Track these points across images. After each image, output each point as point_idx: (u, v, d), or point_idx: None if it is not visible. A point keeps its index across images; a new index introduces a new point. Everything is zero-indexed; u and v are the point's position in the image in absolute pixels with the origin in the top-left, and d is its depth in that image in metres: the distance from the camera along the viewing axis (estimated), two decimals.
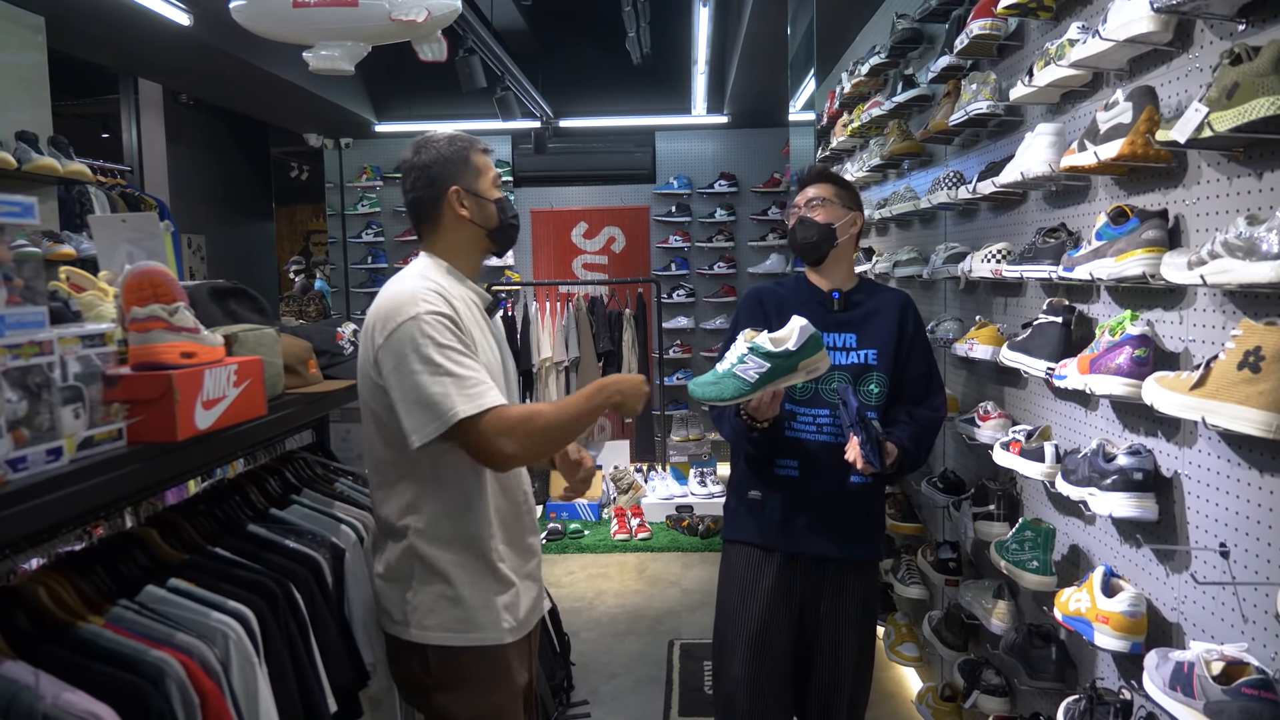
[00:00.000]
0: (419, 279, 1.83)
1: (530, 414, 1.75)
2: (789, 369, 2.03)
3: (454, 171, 1.90)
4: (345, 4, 2.66)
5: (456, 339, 1.75)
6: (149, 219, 1.74)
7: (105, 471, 1.23)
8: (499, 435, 1.70)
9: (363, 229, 8.26)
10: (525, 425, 1.72)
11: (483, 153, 1.96)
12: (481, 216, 1.94)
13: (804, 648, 2.37)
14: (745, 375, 2.03)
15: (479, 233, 1.95)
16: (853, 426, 2.12)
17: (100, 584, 1.48)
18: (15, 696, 1.15)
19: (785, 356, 2.01)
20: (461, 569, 1.84)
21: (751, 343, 2.03)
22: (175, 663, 1.34)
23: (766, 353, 2.02)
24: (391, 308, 1.76)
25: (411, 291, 1.77)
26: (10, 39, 3.90)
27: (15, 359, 1.13)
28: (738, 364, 2.05)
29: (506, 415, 1.71)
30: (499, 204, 1.96)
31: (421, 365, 1.70)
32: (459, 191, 1.90)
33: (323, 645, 1.74)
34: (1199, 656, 1.45)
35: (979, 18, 2.44)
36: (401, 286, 1.81)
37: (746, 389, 2.04)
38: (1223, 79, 1.41)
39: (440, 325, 1.73)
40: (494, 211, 1.95)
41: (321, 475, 2.28)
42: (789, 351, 2.01)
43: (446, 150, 1.91)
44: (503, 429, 1.70)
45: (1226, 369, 1.42)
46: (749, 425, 2.21)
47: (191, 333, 1.44)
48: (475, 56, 4.46)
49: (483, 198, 1.93)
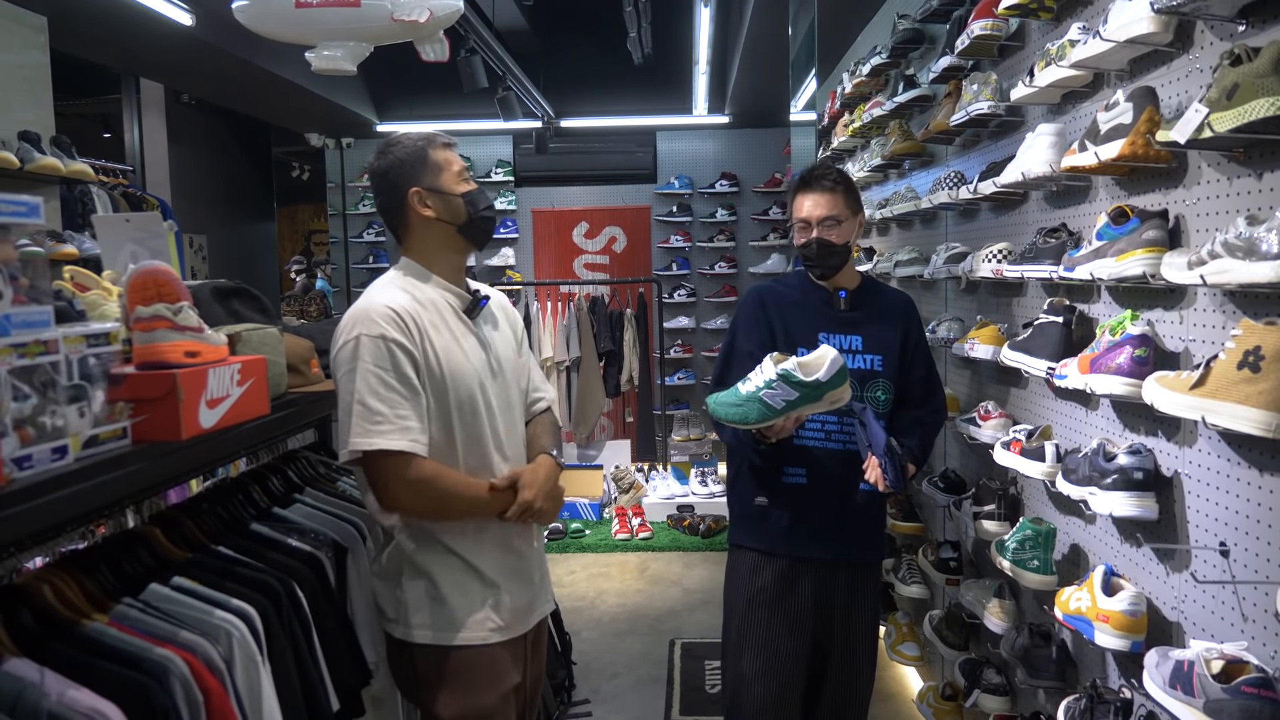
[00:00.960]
0: (385, 289, 1.85)
1: (433, 477, 1.77)
2: (815, 398, 2.01)
3: (412, 172, 1.87)
4: (348, 4, 2.67)
5: (391, 367, 1.75)
6: (153, 219, 1.75)
7: (110, 470, 1.24)
8: (391, 481, 1.75)
9: (364, 228, 8.27)
10: (420, 485, 1.76)
11: (444, 147, 1.90)
12: (449, 213, 1.89)
13: (816, 651, 2.35)
14: (772, 401, 2.00)
15: (449, 230, 1.90)
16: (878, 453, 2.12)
17: (105, 582, 1.49)
18: (21, 694, 1.16)
19: (815, 387, 1.99)
20: (444, 568, 1.86)
21: (782, 369, 2.00)
22: (179, 660, 1.35)
23: (797, 381, 1.99)
24: (348, 322, 1.80)
25: (366, 309, 1.79)
26: (13, 39, 3.91)
27: (21, 358, 1.14)
28: (764, 389, 2.01)
29: (407, 467, 1.74)
30: (466, 197, 1.89)
31: (347, 387, 1.75)
32: (419, 192, 1.87)
33: (325, 644, 1.74)
34: (1199, 655, 1.46)
35: (980, 18, 2.45)
36: (364, 301, 1.83)
37: (770, 416, 2.01)
38: (1223, 80, 1.41)
39: (379, 351, 1.75)
40: (461, 206, 1.89)
41: (324, 474, 2.29)
42: (819, 382, 1.99)
43: (402, 152, 1.88)
44: (398, 477, 1.74)
45: (1226, 368, 1.42)
46: (757, 440, 2.18)
47: (195, 332, 1.45)
48: (477, 56, 4.46)
49: (447, 194, 1.88)
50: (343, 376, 1.76)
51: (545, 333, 6.51)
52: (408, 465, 1.74)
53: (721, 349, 2.43)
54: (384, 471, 1.75)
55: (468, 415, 1.86)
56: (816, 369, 2.00)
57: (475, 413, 1.87)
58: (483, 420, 1.88)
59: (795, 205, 2.36)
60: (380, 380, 1.73)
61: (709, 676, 3.79)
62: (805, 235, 2.31)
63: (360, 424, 1.72)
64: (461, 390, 1.84)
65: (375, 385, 1.73)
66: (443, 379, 1.82)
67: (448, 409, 1.83)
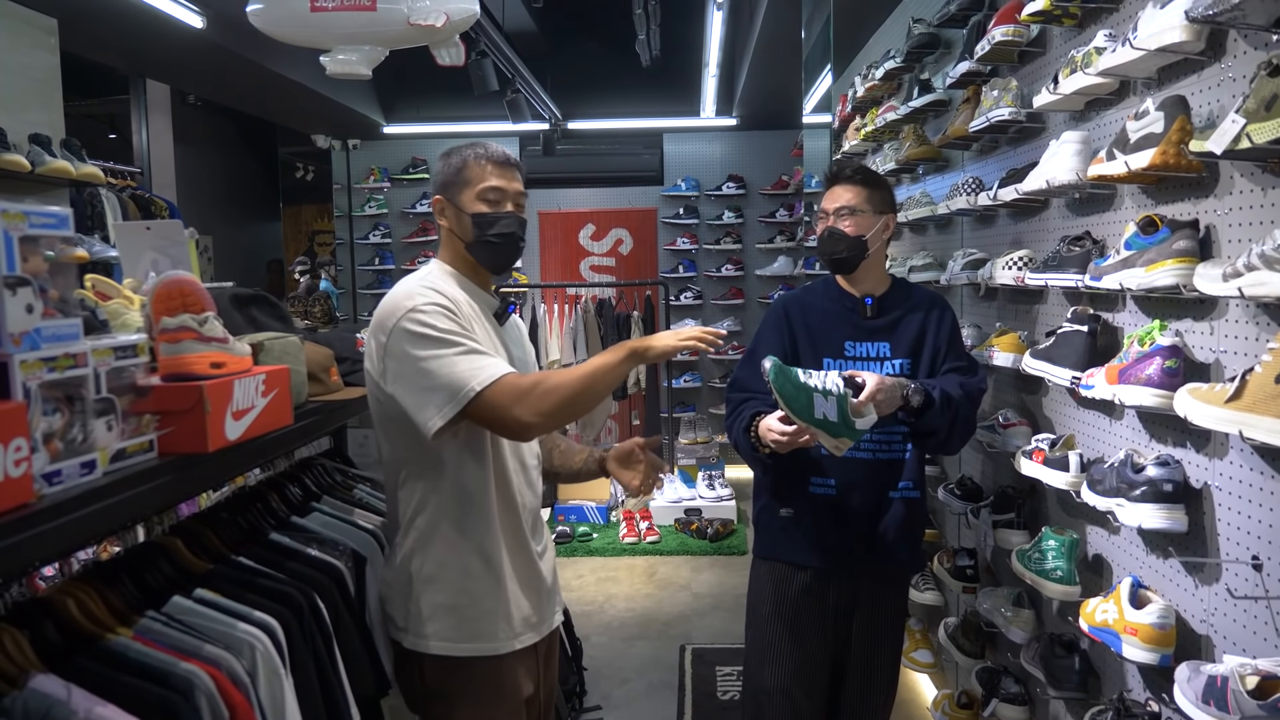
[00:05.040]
0: (415, 281, 1.84)
1: (541, 378, 1.72)
2: (834, 434, 2.01)
3: (445, 180, 1.89)
4: (363, 8, 2.65)
5: (454, 323, 1.73)
6: (174, 226, 1.74)
7: (138, 484, 1.22)
8: (513, 404, 1.67)
9: (370, 230, 8.25)
10: (537, 389, 1.68)
11: (487, 163, 1.87)
12: (460, 229, 1.87)
13: (837, 660, 2.34)
14: (817, 405, 1.98)
15: (461, 245, 1.89)
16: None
17: (127, 594, 1.47)
18: (49, 712, 1.14)
19: (847, 425, 2.00)
20: (461, 575, 1.83)
21: (841, 393, 1.99)
22: (204, 675, 1.33)
23: (843, 412, 1.99)
24: (389, 309, 1.76)
25: (406, 290, 1.78)
26: (23, 40, 3.90)
27: (51, 371, 1.12)
28: (820, 392, 1.99)
29: (517, 383, 1.69)
30: (476, 218, 1.85)
31: (424, 352, 1.69)
32: (441, 202, 1.89)
33: (346, 654, 1.73)
34: (1233, 670, 1.44)
35: (1001, 24, 2.43)
36: (398, 288, 1.81)
37: (806, 416, 1.99)
38: (1261, 90, 1.40)
39: (436, 311, 1.72)
40: (469, 225, 1.86)
41: (340, 482, 2.28)
42: (851, 425, 2.00)
43: (450, 158, 1.90)
44: (516, 396, 1.67)
45: (1264, 382, 1.41)
46: (754, 447, 2.18)
47: (221, 343, 1.43)
48: (488, 60, 4.45)
49: (461, 210, 1.86)
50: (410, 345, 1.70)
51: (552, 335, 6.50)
52: (512, 385, 1.69)
53: (745, 352, 2.41)
54: (500, 399, 1.67)
55: None
56: (859, 417, 2.00)
57: None
58: None
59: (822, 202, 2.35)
60: (454, 332, 1.70)
61: (720, 683, 3.77)
62: (822, 225, 2.31)
63: (466, 370, 1.67)
64: None
65: (452, 336, 1.70)
66: None
67: None
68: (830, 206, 2.28)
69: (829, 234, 2.27)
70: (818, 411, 1.98)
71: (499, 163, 1.88)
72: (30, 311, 1.10)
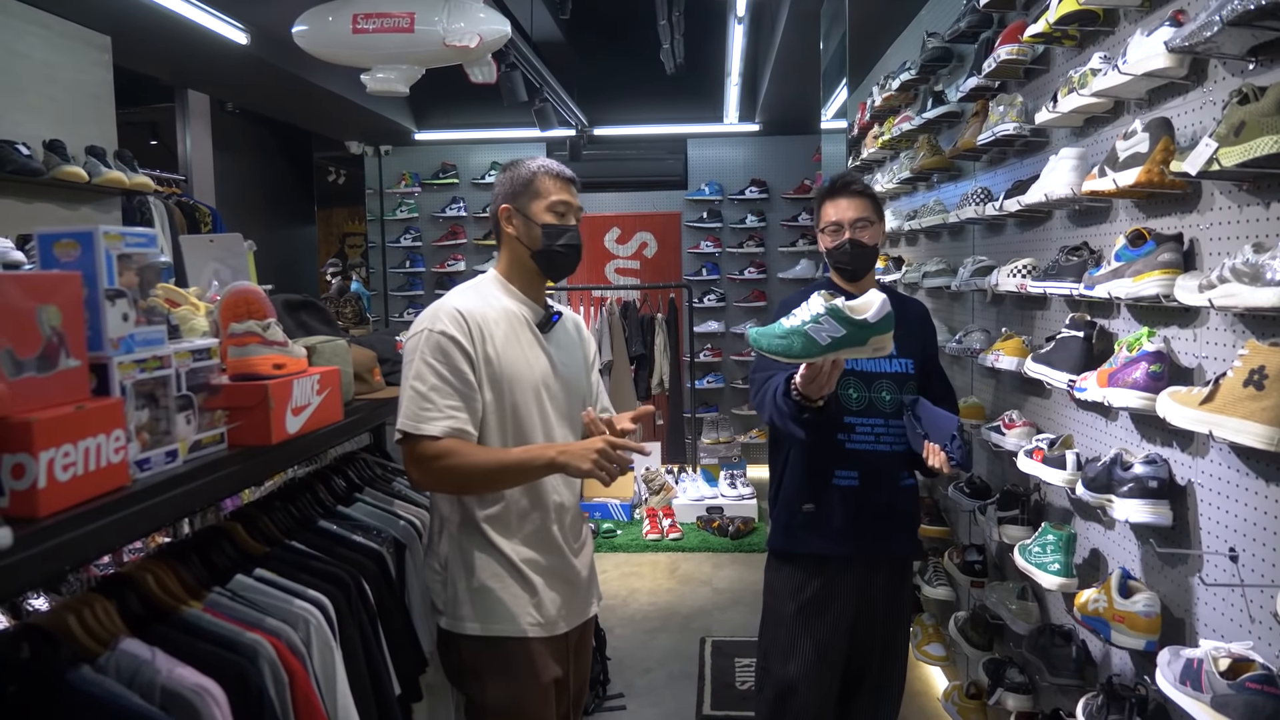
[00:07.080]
0: (463, 293, 2.03)
1: (455, 455, 1.87)
2: (860, 341, 1.93)
3: (511, 191, 2.04)
4: (402, 30, 2.81)
5: (445, 362, 1.90)
6: (234, 239, 1.91)
7: (213, 471, 1.39)
8: (418, 462, 1.89)
9: (401, 234, 8.46)
10: (442, 461, 1.87)
11: (554, 179, 2.03)
12: (527, 237, 2.04)
13: (856, 649, 2.43)
14: (817, 336, 1.92)
15: (525, 252, 2.05)
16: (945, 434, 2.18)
17: (196, 572, 1.64)
18: (138, 670, 1.30)
19: (861, 327, 1.92)
20: (487, 562, 1.98)
21: (830, 305, 1.93)
22: (267, 644, 1.49)
23: (845, 318, 1.91)
24: (423, 317, 1.97)
25: (437, 309, 1.97)
26: (80, 58, 4.11)
27: (142, 372, 1.29)
28: (810, 323, 1.93)
29: (434, 447, 1.87)
30: (546, 228, 2.01)
31: (407, 373, 1.91)
32: (509, 210, 2.04)
33: (389, 632, 1.89)
34: (1207, 654, 1.55)
35: (1006, 43, 2.55)
36: (441, 300, 2.00)
37: (815, 351, 1.93)
38: (1231, 117, 1.51)
39: (439, 346, 1.90)
40: (539, 234, 2.02)
41: (380, 475, 2.43)
42: (866, 323, 1.91)
43: (514, 171, 2.06)
44: (424, 458, 1.87)
45: (1233, 386, 1.52)
46: (799, 405, 2.10)
47: (281, 346, 1.59)
48: (517, 72, 4.61)
49: (531, 219, 2.03)
50: (406, 364, 1.93)
51: None
52: (427, 446, 1.88)
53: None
54: (412, 451, 1.90)
55: (523, 419, 1.99)
56: (865, 310, 1.93)
57: (530, 418, 1.99)
58: (537, 426, 2.00)
59: (824, 212, 2.42)
60: (434, 371, 1.89)
61: (739, 673, 3.90)
62: (838, 237, 2.37)
63: (410, 408, 1.88)
64: (518, 394, 1.97)
65: (429, 375, 1.88)
66: (500, 381, 1.96)
67: (504, 410, 1.97)
68: (846, 219, 2.37)
69: (854, 245, 2.36)
70: (823, 339, 1.93)
71: (566, 179, 2.07)
72: (126, 320, 1.27)
